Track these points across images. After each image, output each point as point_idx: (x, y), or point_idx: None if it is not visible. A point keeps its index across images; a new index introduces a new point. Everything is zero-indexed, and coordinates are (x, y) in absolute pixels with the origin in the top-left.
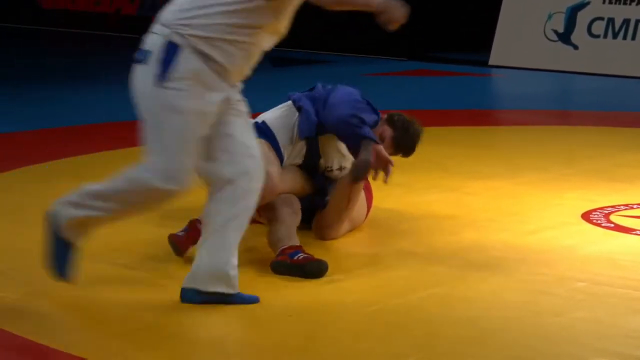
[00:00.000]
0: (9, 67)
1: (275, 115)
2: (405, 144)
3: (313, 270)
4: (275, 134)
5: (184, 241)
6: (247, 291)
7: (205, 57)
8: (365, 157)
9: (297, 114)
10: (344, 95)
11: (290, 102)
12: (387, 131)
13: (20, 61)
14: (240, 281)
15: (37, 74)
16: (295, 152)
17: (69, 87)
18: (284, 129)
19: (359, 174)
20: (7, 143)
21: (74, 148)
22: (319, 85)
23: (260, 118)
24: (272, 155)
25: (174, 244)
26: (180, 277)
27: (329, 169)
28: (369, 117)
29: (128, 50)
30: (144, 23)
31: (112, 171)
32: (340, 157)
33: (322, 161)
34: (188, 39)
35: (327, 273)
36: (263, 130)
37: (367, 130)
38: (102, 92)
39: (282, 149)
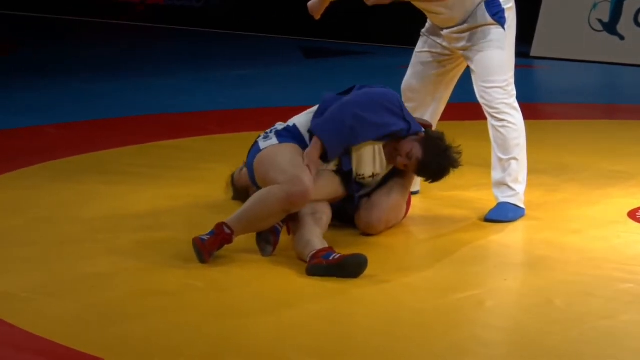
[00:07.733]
0: (34, 58)
1: (307, 119)
2: (429, 173)
3: (353, 265)
4: (306, 138)
5: (208, 246)
6: (275, 295)
7: None
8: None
9: None
10: (373, 93)
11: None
12: (417, 151)
13: (46, 52)
14: (269, 286)
15: (63, 66)
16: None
17: (98, 79)
18: None
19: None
20: (32, 136)
21: (100, 143)
22: (357, 87)
23: (291, 121)
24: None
25: (198, 248)
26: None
27: (360, 176)
28: (392, 121)
29: (154, 41)
30: (171, 13)
31: (132, 166)
32: (372, 166)
33: (354, 168)
34: None
35: (363, 274)
36: (294, 133)
37: (329, 130)
38: (130, 85)
39: None
